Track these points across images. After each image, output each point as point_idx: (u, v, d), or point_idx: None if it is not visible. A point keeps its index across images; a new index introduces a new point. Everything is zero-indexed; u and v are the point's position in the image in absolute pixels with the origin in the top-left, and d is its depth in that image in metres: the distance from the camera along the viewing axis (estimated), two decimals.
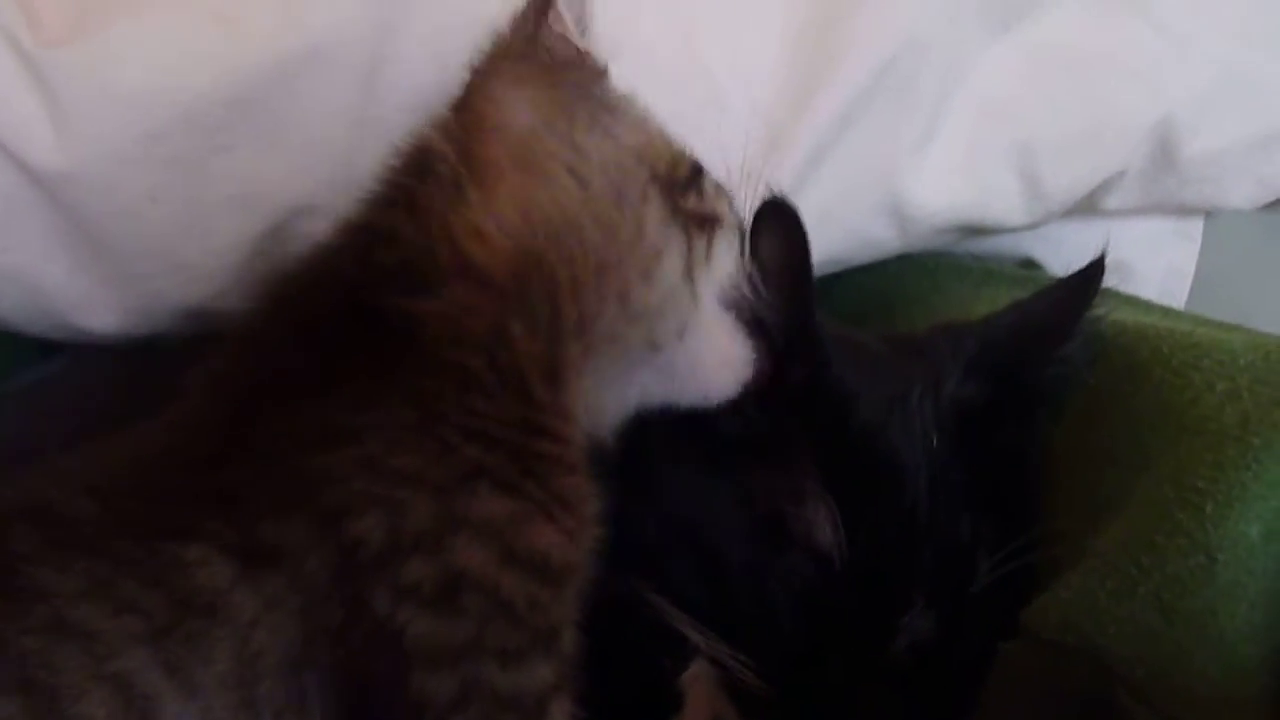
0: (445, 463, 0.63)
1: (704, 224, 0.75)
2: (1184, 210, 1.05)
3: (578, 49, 0.74)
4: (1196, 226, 1.08)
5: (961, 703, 0.76)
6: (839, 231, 0.96)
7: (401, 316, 0.66)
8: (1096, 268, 0.82)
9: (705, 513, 0.80)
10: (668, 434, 0.82)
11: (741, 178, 0.83)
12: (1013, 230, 1.02)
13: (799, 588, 0.77)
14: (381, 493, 0.61)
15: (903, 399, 0.79)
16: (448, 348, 0.66)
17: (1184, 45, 0.95)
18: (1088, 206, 1.02)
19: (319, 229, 0.82)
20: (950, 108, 0.95)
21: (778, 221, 0.79)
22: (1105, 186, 0.99)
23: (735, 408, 0.80)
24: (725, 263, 0.77)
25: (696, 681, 0.80)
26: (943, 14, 0.90)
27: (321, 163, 0.84)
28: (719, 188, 0.79)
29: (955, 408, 0.80)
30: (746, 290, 0.79)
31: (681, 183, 0.75)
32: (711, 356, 0.77)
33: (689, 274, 0.74)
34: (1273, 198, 1.03)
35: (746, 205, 0.81)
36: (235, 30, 0.80)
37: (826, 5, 0.91)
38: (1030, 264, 1.10)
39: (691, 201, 0.75)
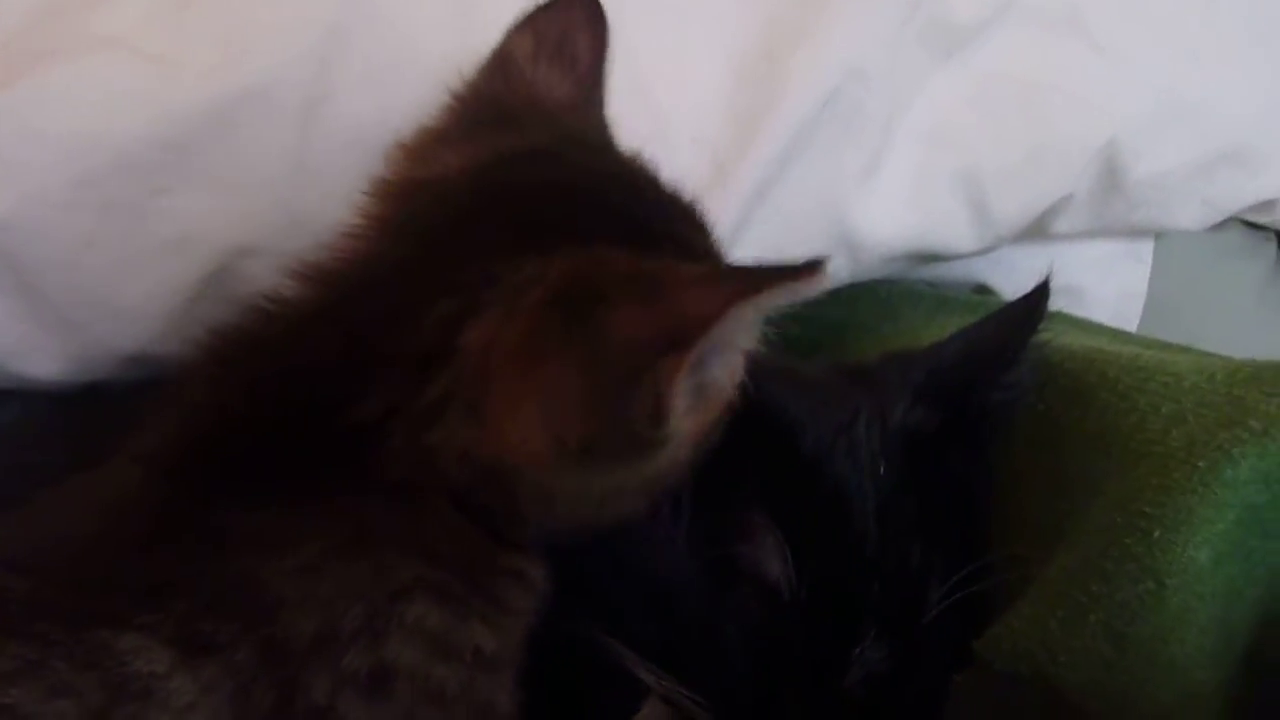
0: (381, 578, 0.61)
1: None
2: (1134, 232, 1.05)
3: None
4: (1147, 249, 1.09)
5: None
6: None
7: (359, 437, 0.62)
8: (1041, 292, 0.82)
9: (653, 553, 0.78)
10: None
11: None
12: (963, 257, 1.02)
13: (749, 623, 0.76)
14: (316, 599, 0.60)
15: (848, 427, 0.78)
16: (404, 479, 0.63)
17: (1126, 68, 0.96)
18: (1037, 231, 1.02)
19: (261, 271, 0.81)
20: (895, 136, 0.95)
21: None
22: (1053, 211, 1.00)
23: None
24: None
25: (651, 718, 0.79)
26: (884, 43, 0.91)
27: (262, 204, 0.82)
28: None
29: (903, 435, 0.79)
30: None
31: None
32: None
33: None
34: (1219, 219, 1.04)
35: None
36: (169, 71, 0.79)
37: (770, 36, 0.91)
38: (984, 289, 1.10)
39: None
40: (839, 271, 0.99)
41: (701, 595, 0.77)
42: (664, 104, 0.92)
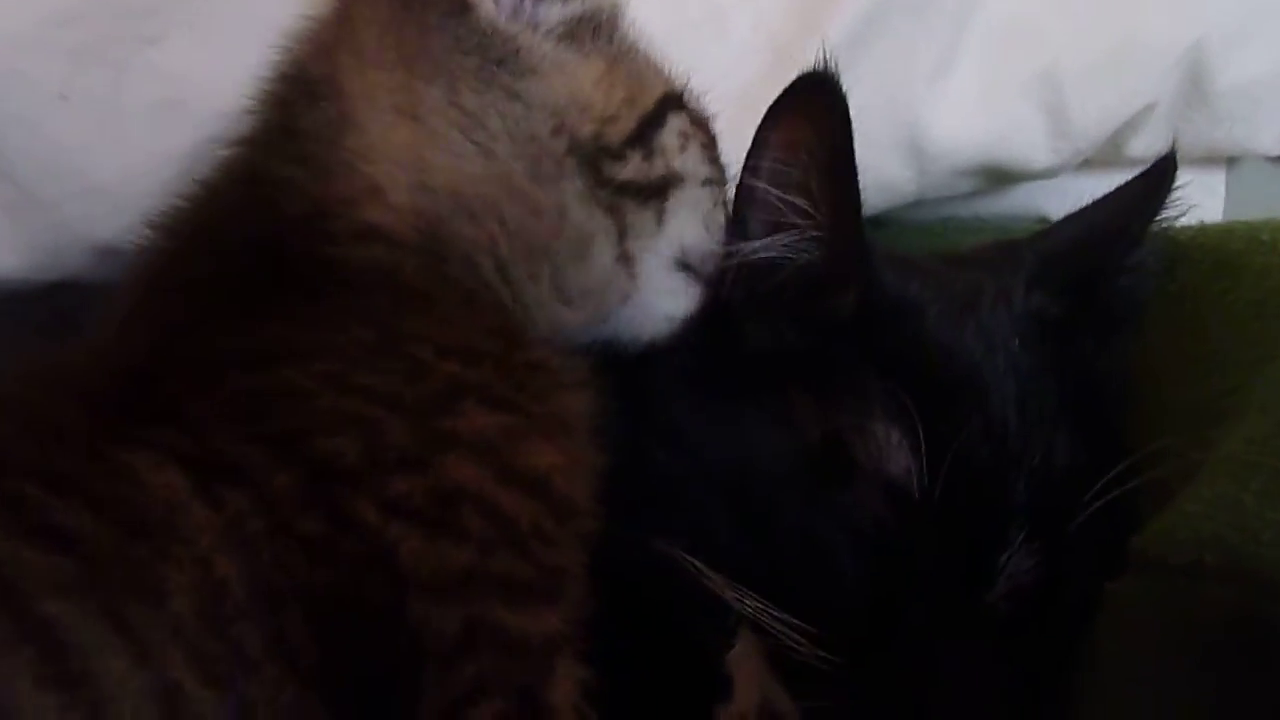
0: (421, 381, 0.56)
1: (650, 193, 0.66)
2: (1210, 157, 0.98)
3: None
4: (1220, 180, 1.01)
5: (1068, 659, 0.64)
6: None
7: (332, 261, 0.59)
8: (1167, 165, 0.72)
9: (740, 448, 0.67)
10: (681, 362, 0.70)
11: (741, 107, 0.72)
12: (1035, 175, 0.93)
13: (867, 528, 0.64)
14: (351, 411, 0.54)
15: (973, 306, 0.68)
16: (388, 278, 0.59)
17: None
18: (1112, 152, 0.94)
19: None
20: (970, 30, 0.87)
21: (811, 104, 0.67)
22: (1132, 125, 0.91)
23: (766, 322, 0.69)
24: (687, 227, 0.68)
25: (745, 660, 0.65)
26: None
27: (265, 60, 0.70)
28: (688, 133, 0.69)
29: (1031, 318, 0.68)
30: (772, 197, 0.69)
31: (614, 149, 0.65)
32: (653, 323, 0.69)
33: (625, 257, 0.66)
34: None
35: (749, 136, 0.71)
36: None
37: None
38: (1047, 223, 1.01)
39: (630, 168, 0.65)
40: (906, 184, 0.89)
41: (804, 496, 0.64)
42: None
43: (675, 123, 0.67)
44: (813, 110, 0.67)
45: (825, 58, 0.66)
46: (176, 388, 0.55)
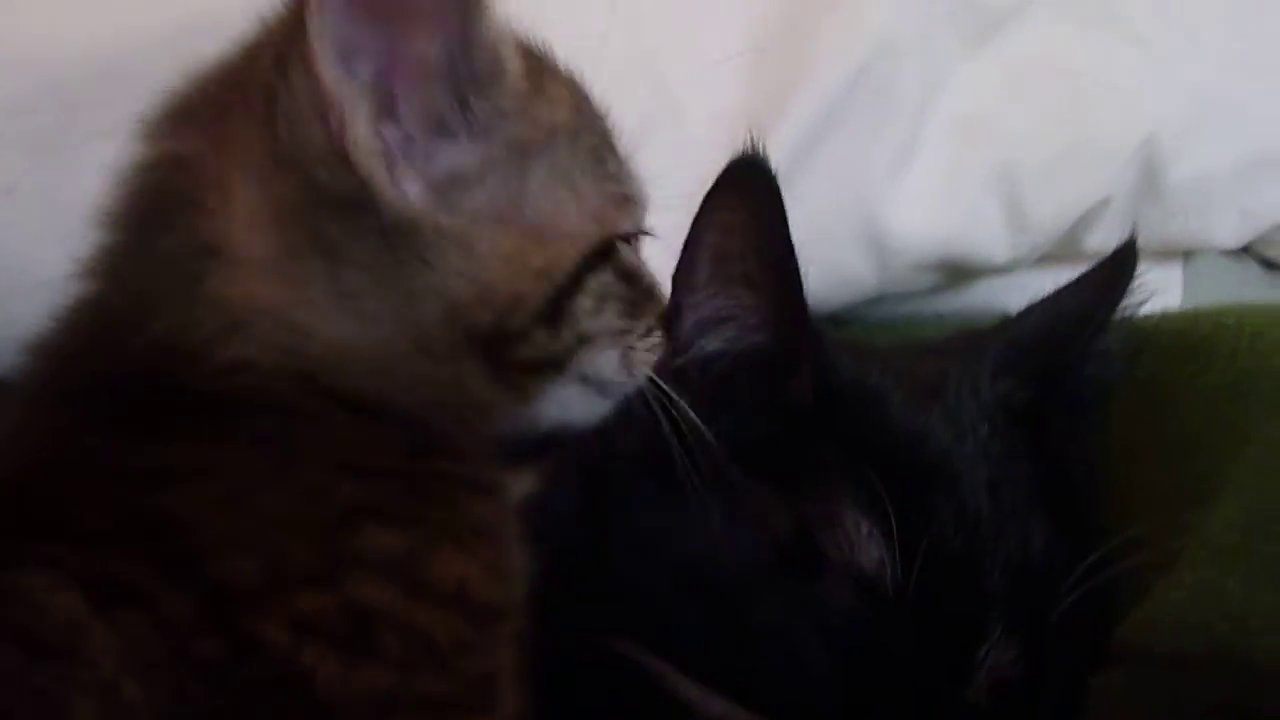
0: (318, 501, 0.53)
1: (553, 363, 0.61)
2: (1167, 251, 0.98)
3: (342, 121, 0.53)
4: (1176, 274, 1.02)
5: None
6: (811, 264, 0.84)
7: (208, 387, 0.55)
8: (1128, 252, 0.72)
9: (704, 543, 0.64)
10: (640, 458, 0.68)
11: (697, 202, 0.71)
12: (995, 269, 0.93)
13: (839, 624, 0.61)
14: (248, 532, 0.52)
15: (938, 393, 0.66)
16: (269, 403, 0.55)
17: (1164, 64, 0.91)
18: (1069, 246, 0.94)
19: None
20: (927, 126, 0.87)
21: (743, 187, 0.66)
22: (1088, 219, 0.92)
23: (724, 414, 0.67)
24: (596, 367, 0.63)
25: None
26: (914, 18, 0.84)
27: None
28: (609, 291, 0.62)
29: (999, 404, 0.67)
30: (713, 288, 0.68)
31: (514, 333, 0.58)
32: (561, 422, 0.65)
33: (523, 401, 0.62)
34: (1255, 234, 0.98)
35: None
36: None
37: (793, 12, 0.84)
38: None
39: (531, 347, 0.59)
40: (866, 279, 0.88)
41: (774, 592, 0.62)
42: (674, 75, 0.82)
43: (595, 284, 0.60)
44: (745, 193, 0.66)
45: (753, 141, 0.66)
46: (63, 504, 0.51)
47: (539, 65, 0.61)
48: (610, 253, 0.61)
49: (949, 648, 0.60)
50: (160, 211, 0.57)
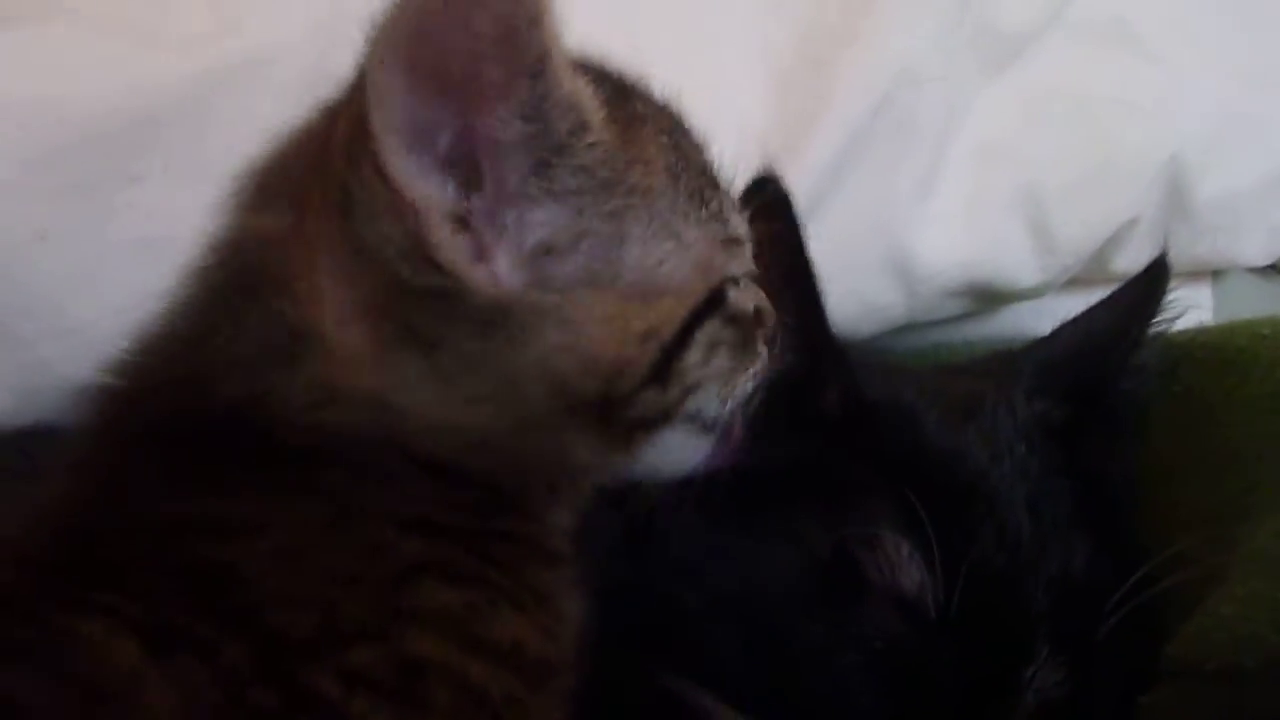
0: (379, 559, 0.52)
1: (664, 417, 0.57)
2: (1195, 270, 0.98)
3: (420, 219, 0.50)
4: (1205, 293, 1.01)
5: None
6: (839, 294, 0.84)
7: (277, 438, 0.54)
8: (1160, 268, 0.72)
9: (744, 571, 0.64)
10: (679, 489, 0.67)
11: None
12: (1023, 294, 0.92)
13: (883, 648, 0.60)
14: (303, 588, 0.50)
15: (975, 412, 0.66)
16: (341, 456, 0.53)
17: (1185, 80, 0.91)
18: (1098, 269, 0.93)
19: None
20: (950, 152, 0.87)
21: (759, 209, 0.64)
22: (1116, 240, 0.91)
23: (757, 439, 0.66)
24: (701, 405, 0.59)
25: None
26: (935, 45, 0.84)
27: None
28: (719, 339, 0.58)
29: (1036, 423, 0.67)
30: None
31: (622, 398, 0.55)
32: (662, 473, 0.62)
33: (636, 457, 0.59)
34: None
35: None
36: (153, 36, 0.68)
37: (812, 40, 0.84)
38: None
39: (641, 407, 0.56)
40: (894, 307, 0.88)
41: (815, 618, 0.61)
42: (693, 111, 0.83)
43: (704, 336, 0.56)
44: (763, 214, 0.65)
45: (768, 163, 0.66)
46: (119, 551, 0.51)
47: (625, 107, 0.56)
48: (719, 301, 0.56)
49: (994, 669, 0.59)
50: (247, 286, 0.54)
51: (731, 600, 0.63)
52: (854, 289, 0.87)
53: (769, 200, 0.66)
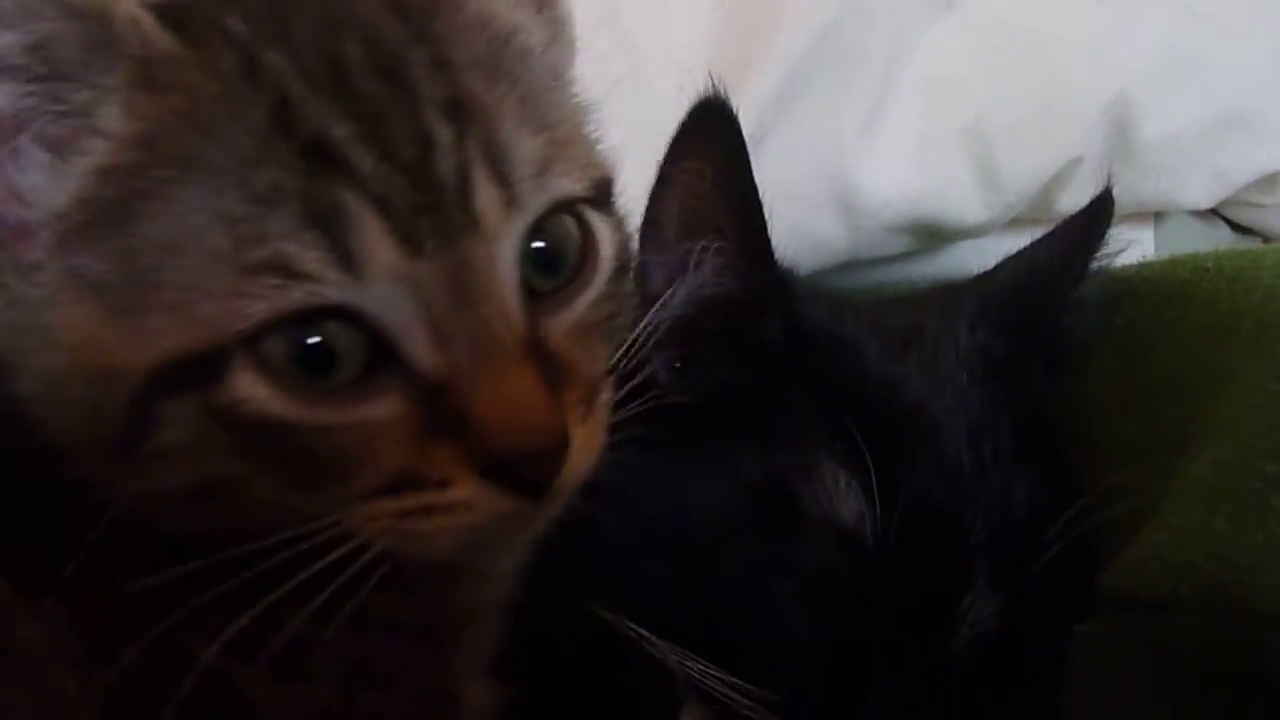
0: None
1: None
2: (1139, 212, 0.97)
3: None
4: (1148, 235, 1.01)
5: (1039, 707, 0.59)
6: (782, 228, 0.82)
7: None
8: (1103, 203, 0.71)
9: (678, 501, 0.62)
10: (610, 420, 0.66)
11: None
12: (967, 232, 0.92)
13: (819, 578, 0.59)
14: None
15: (915, 344, 0.65)
16: None
17: (1132, 20, 0.91)
18: (1042, 208, 0.93)
19: None
20: (897, 87, 0.86)
21: (706, 132, 0.64)
22: (1061, 179, 0.91)
23: (694, 367, 0.65)
24: None
25: None
26: None
27: None
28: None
29: (978, 354, 0.66)
30: (679, 236, 0.66)
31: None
32: None
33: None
34: (1227, 193, 0.97)
35: None
36: None
37: None
38: None
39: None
40: (838, 242, 0.87)
41: (751, 548, 0.60)
42: (645, 44, 0.81)
43: (179, 421, 0.47)
44: (709, 138, 0.65)
45: (714, 84, 0.64)
46: None
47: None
48: (208, 372, 0.46)
49: (931, 600, 0.59)
50: None
51: (663, 531, 0.62)
52: (796, 223, 0.85)
53: (715, 122, 0.64)
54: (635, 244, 0.65)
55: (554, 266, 0.50)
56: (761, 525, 0.60)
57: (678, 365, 0.65)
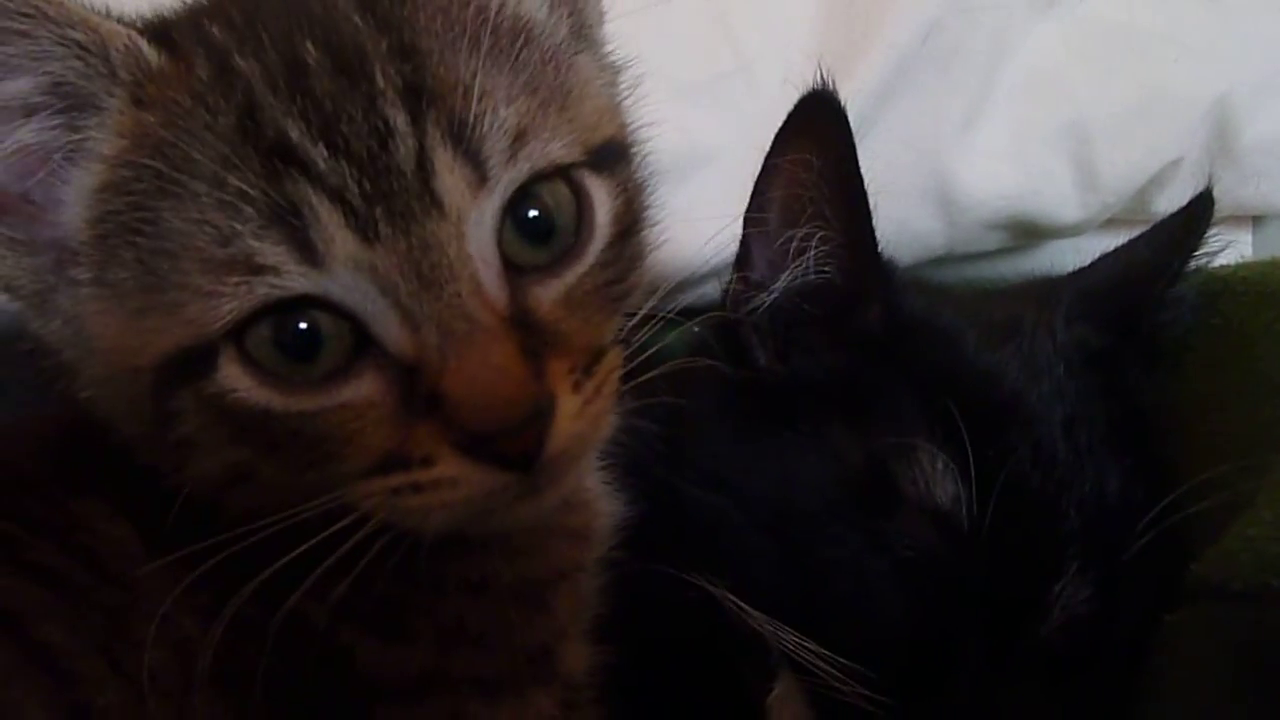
0: None
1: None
2: (1237, 215, 0.97)
3: None
4: (1246, 239, 1.00)
5: (1124, 695, 0.61)
6: (881, 219, 0.84)
7: None
8: (1203, 202, 0.72)
9: (778, 478, 0.65)
10: (714, 400, 0.68)
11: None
12: (1063, 230, 0.92)
13: (915, 559, 0.61)
14: None
15: (1014, 333, 0.66)
16: None
17: (1237, 21, 0.90)
18: (1138, 209, 0.93)
19: None
20: (997, 84, 0.87)
21: (814, 123, 0.66)
22: (1159, 180, 0.91)
23: (796, 350, 0.68)
24: None
25: (787, 701, 0.63)
26: None
27: None
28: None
29: (1075, 346, 0.67)
30: (784, 225, 0.67)
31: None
32: None
33: None
34: None
35: None
36: None
37: None
38: None
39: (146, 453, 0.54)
40: (935, 236, 0.88)
41: (848, 526, 0.62)
42: (749, 36, 0.83)
43: (190, 410, 0.51)
44: (816, 128, 0.67)
45: (822, 76, 0.66)
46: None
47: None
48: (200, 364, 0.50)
49: (1023, 585, 0.61)
50: None
51: (765, 508, 0.64)
52: (895, 217, 0.86)
53: (823, 113, 0.66)
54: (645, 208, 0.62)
55: (545, 236, 0.51)
56: (860, 505, 0.62)
57: (778, 349, 0.68)
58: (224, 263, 0.46)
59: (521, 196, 0.50)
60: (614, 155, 0.55)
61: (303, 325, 0.48)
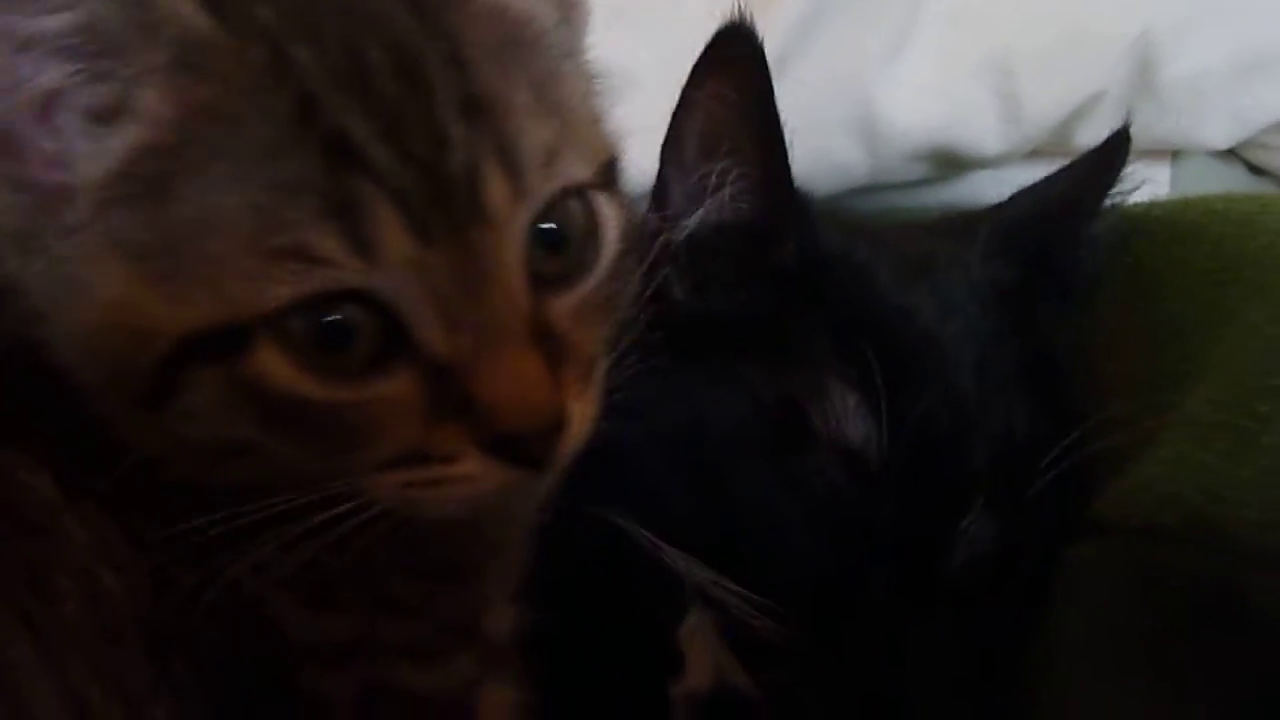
0: None
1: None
2: (1156, 149, 0.98)
3: None
4: (1164, 173, 1.02)
5: (1026, 627, 0.62)
6: (802, 151, 0.83)
7: None
8: (1120, 140, 0.72)
9: (691, 414, 0.65)
10: (628, 334, 0.68)
11: None
12: (986, 161, 0.92)
13: (825, 496, 0.62)
14: None
15: (928, 270, 0.67)
16: None
17: None
18: (1060, 141, 0.93)
19: None
20: (922, 13, 0.86)
21: (730, 57, 0.65)
22: (1081, 113, 0.91)
23: (710, 286, 0.68)
24: None
25: (698, 635, 0.64)
26: None
27: None
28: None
29: (988, 284, 0.68)
30: (699, 159, 0.67)
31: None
32: None
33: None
34: (1246, 135, 0.97)
35: None
36: None
37: None
38: None
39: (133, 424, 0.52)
40: (857, 166, 0.88)
41: (760, 463, 0.63)
42: None
43: (201, 387, 0.50)
44: (732, 63, 0.66)
45: (739, 12, 0.65)
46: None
47: None
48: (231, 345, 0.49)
49: (931, 521, 0.62)
50: None
51: (678, 443, 0.64)
52: (817, 147, 0.86)
53: (738, 47, 0.65)
54: (641, 217, 0.66)
55: (560, 249, 0.52)
56: (772, 442, 0.63)
57: (694, 284, 0.67)
58: (276, 248, 0.45)
59: (545, 211, 0.51)
60: (614, 173, 0.57)
61: (339, 317, 0.47)
